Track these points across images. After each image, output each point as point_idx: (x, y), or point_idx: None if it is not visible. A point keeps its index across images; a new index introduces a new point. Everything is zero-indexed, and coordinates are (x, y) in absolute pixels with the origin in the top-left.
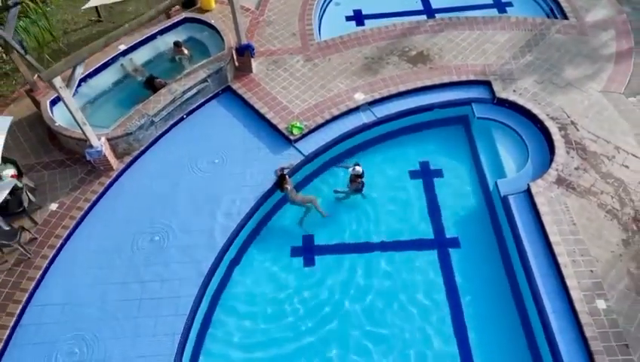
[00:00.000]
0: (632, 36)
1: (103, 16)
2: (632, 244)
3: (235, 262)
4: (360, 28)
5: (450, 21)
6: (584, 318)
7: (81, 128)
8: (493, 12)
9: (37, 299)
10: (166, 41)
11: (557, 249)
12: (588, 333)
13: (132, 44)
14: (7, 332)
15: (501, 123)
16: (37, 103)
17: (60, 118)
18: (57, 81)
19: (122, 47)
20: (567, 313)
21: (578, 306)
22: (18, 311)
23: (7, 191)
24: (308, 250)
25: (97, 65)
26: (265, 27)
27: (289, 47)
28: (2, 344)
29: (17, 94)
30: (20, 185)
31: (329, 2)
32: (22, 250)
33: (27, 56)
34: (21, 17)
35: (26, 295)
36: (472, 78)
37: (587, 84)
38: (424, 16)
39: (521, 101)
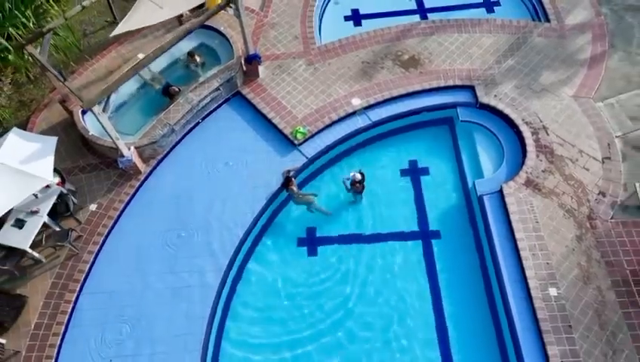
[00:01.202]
0: (607, 39)
1: (118, 17)
2: (584, 240)
3: (250, 252)
4: (357, 31)
5: (440, 23)
6: (537, 303)
7: (114, 142)
8: (482, 11)
9: (87, 287)
10: (180, 48)
11: (520, 244)
12: (540, 315)
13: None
14: (67, 316)
15: (482, 126)
16: (69, 112)
17: (91, 125)
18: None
19: (140, 56)
20: (525, 298)
21: (534, 293)
22: (74, 299)
23: (55, 198)
24: (311, 241)
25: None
26: (269, 30)
27: (292, 50)
28: (64, 326)
29: (48, 100)
30: (65, 191)
31: (329, 1)
32: (71, 247)
33: (66, 83)
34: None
35: (79, 285)
36: (458, 83)
37: (561, 89)
38: (417, 16)
39: (500, 106)
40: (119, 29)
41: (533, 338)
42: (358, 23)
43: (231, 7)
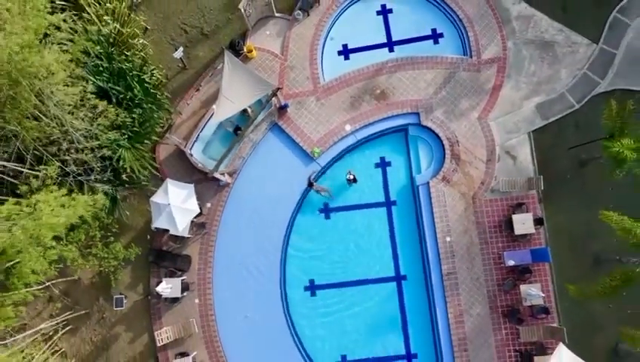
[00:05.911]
0: (506, 71)
1: (186, 64)
2: (467, 210)
3: (295, 217)
4: (347, 64)
5: (401, 62)
6: (440, 245)
7: (218, 176)
8: (430, 43)
9: (217, 250)
10: None
11: (436, 215)
12: (440, 251)
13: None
14: (212, 264)
15: (423, 138)
16: (181, 150)
17: (195, 159)
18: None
19: (214, 107)
20: (435, 242)
21: (439, 240)
22: (213, 256)
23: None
24: (326, 211)
25: (205, 122)
26: (289, 72)
27: (306, 90)
28: (212, 268)
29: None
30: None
31: (326, 39)
32: (205, 230)
33: (192, 157)
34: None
35: (213, 249)
36: (410, 110)
37: (471, 113)
38: (387, 49)
39: (433, 127)
40: (214, 120)
41: (436, 261)
42: (347, 57)
43: (276, 95)
